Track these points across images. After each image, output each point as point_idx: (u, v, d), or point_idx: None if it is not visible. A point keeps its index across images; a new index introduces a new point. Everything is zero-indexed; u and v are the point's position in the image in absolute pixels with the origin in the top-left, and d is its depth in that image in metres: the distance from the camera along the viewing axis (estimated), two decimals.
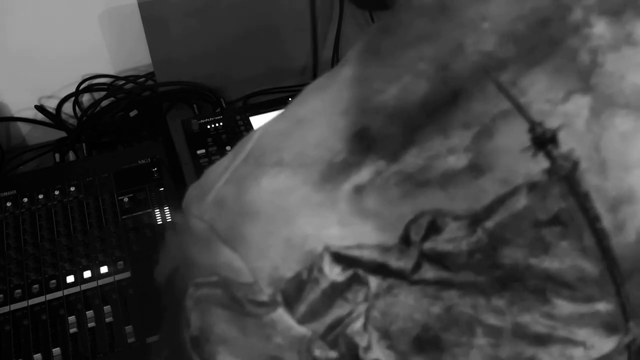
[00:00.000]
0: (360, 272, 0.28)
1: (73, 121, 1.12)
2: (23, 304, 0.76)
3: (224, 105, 1.12)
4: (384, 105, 0.29)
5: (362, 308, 0.28)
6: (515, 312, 0.28)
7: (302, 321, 0.28)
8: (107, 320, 0.74)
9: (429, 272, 0.28)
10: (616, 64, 0.29)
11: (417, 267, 0.28)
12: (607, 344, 0.29)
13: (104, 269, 0.80)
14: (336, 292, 0.28)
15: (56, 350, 0.71)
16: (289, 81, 1.19)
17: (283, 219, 0.28)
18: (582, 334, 0.28)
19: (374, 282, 0.28)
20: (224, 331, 0.30)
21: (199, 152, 0.95)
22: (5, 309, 0.75)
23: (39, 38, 1.01)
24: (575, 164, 0.27)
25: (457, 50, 0.30)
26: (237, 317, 0.29)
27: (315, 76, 1.21)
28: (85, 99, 1.13)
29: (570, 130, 0.28)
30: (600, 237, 0.27)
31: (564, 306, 0.28)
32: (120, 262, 0.80)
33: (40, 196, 0.88)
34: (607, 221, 0.27)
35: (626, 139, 0.28)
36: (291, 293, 0.28)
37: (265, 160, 0.30)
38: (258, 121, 1.01)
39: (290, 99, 1.07)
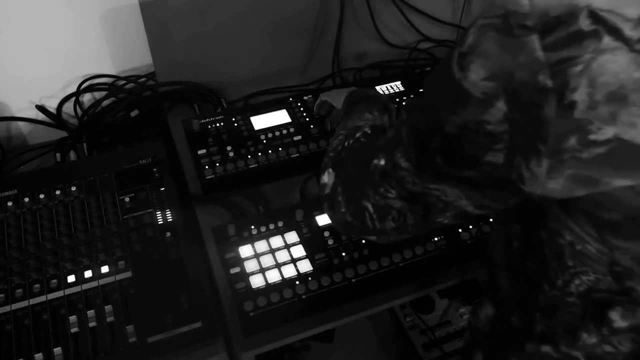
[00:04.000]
0: (601, 28, 0.37)
1: (74, 121, 1.12)
2: (24, 303, 0.76)
3: (224, 105, 1.12)
4: None
5: (588, 57, 0.38)
6: None
7: (544, 48, 0.39)
8: (108, 319, 0.74)
9: None
10: None
11: None
12: None
13: (105, 269, 0.80)
14: (578, 37, 0.38)
15: (57, 350, 0.71)
16: (289, 81, 1.20)
17: None
18: None
19: (606, 39, 0.37)
20: (487, 48, 0.42)
21: (199, 152, 0.95)
22: (7, 308, 0.75)
23: (40, 38, 1.01)
24: None
25: None
26: (503, 37, 0.41)
27: (315, 76, 1.21)
28: (86, 98, 1.13)
29: None
30: None
31: None
32: (122, 262, 0.80)
33: (42, 196, 0.88)
34: None
35: None
36: (548, 26, 0.39)
37: None
38: (259, 121, 1.02)
39: (290, 99, 1.07)
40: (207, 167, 0.93)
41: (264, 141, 0.98)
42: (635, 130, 0.38)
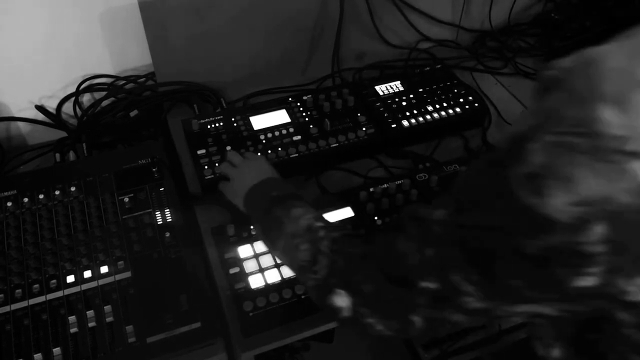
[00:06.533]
0: None
1: (73, 121, 1.12)
2: (23, 303, 0.76)
3: (224, 105, 1.12)
4: None
5: None
6: None
7: None
8: (108, 320, 0.74)
9: None
10: None
11: None
12: None
13: (104, 269, 0.80)
14: None
15: (56, 350, 0.71)
16: (289, 81, 1.20)
17: None
18: None
19: None
20: (571, 171, 0.38)
21: (199, 152, 0.95)
22: (6, 308, 0.75)
23: (39, 38, 1.01)
24: None
25: None
26: (594, 162, 0.37)
27: (315, 76, 1.21)
28: (86, 99, 1.13)
29: None
30: None
31: None
32: (121, 262, 0.80)
33: (41, 196, 0.88)
34: None
35: None
36: None
37: None
38: (258, 121, 1.02)
39: (290, 99, 1.07)
40: (206, 167, 0.93)
41: (264, 141, 0.98)
42: None
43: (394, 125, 1.03)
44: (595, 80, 0.38)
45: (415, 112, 1.06)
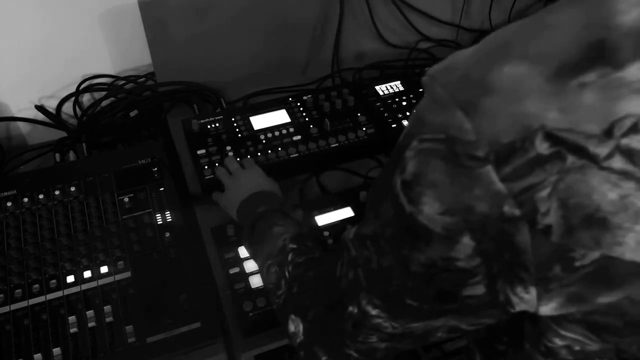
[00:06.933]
0: (563, 150, 0.34)
1: (73, 121, 1.12)
2: (23, 303, 0.76)
3: (224, 105, 1.12)
4: (622, 24, 0.34)
5: (553, 178, 0.34)
6: None
7: (503, 180, 0.35)
8: (107, 320, 0.74)
9: (617, 163, 0.33)
10: None
11: (609, 156, 0.33)
12: None
13: (104, 269, 0.80)
14: (539, 162, 0.35)
15: (56, 350, 0.71)
16: (289, 81, 1.20)
17: (515, 98, 0.35)
18: None
19: (570, 159, 0.34)
20: (436, 179, 0.38)
21: (199, 152, 0.95)
22: (6, 308, 0.75)
23: (39, 38, 1.01)
24: None
25: None
26: (452, 168, 0.37)
27: (315, 76, 1.21)
28: (86, 99, 1.13)
29: None
30: None
31: None
32: (121, 262, 0.80)
33: (41, 196, 0.88)
34: None
35: None
36: (502, 155, 0.35)
37: (512, 52, 0.37)
38: (258, 121, 1.02)
39: (290, 99, 1.07)
40: (206, 167, 0.93)
41: (264, 141, 0.98)
42: (622, 247, 0.35)
43: (394, 125, 1.03)
44: (450, 85, 0.38)
45: None
